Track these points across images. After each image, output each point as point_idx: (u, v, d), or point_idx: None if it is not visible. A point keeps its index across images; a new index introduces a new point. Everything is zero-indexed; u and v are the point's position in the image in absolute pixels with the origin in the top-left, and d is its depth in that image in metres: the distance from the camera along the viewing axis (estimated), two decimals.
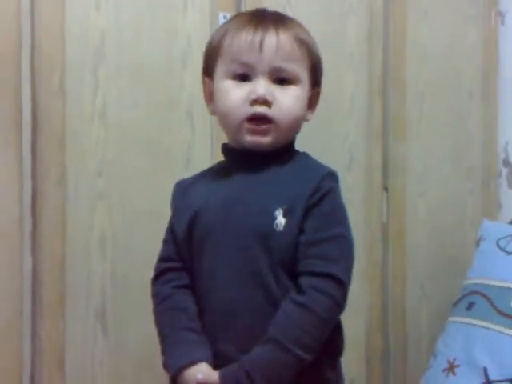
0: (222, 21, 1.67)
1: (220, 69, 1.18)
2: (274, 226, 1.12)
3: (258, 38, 1.13)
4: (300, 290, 1.11)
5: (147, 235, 1.58)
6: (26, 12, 1.48)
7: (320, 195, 1.13)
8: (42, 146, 1.50)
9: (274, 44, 1.13)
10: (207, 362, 1.13)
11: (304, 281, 1.11)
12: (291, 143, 1.23)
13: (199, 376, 1.11)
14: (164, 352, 1.19)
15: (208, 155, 1.68)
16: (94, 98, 1.55)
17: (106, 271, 1.57)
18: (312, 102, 1.23)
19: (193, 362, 1.13)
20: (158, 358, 1.59)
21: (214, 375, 1.11)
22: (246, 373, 1.08)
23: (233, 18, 1.25)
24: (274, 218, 1.12)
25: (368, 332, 1.92)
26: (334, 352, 1.20)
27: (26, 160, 1.49)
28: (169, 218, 1.29)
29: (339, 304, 1.12)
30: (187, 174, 1.45)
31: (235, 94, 1.15)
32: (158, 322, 1.22)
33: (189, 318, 1.18)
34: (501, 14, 2.18)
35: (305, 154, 1.23)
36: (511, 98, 2.16)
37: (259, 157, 1.18)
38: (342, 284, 1.11)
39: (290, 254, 1.13)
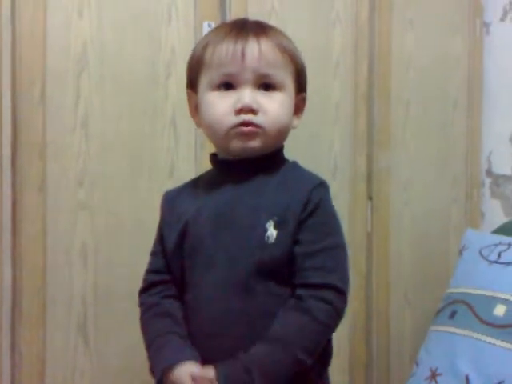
0: (206, 30, 1.66)
1: (204, 81, 1.18)
2: (266, 239, 1.12)
3: (239, 47, 1.13)
4: (299, 299, 1.11)
5: (129, 245, 1.58)
6: (6, 21, 1.47)
7: (312, 207, 1.13)
8: (22, 155, 1.49)
9: (256, 51, 1.13)
10: (195, 362, 1.12)
11: (302, 292, 1.11)
12: (279, 151, 1.22)
13: (195, 369, 1.09)
14: (150, 357, 1.17)
15: (192, 164, 1.67)
16: (76, 108, 1.54)
17: (88, 282, 1.56)
18: (298, 108, 1.23)
19: (180, 361, 1.11)
20: (140, 369, 1.59)
21: (210, 370, 1.08)
22: (245, 368, 1.06)
23: (213, 30, 1.25)
24: (266, 230, 1.12)
25: (352, 341, 1.92)
26: (325, 360, 1.20)
27: (6, 170, 1.48)
28: (152, 227, 1.28)
29: (339, 311, 1.12)
30: (171, 184, 1.44)
31: (220, 105, 1.15)
32: (144, 328, 1.21)
33: (174, 323, 1.18)
34: (485, 25, 2.18)
35: (294, 163, 1.23)
36: (495, 108, 2.17)
37: (248, 166, 1.18)
38: (342, 292, 1.11)
39: (281, 266, 1.12)
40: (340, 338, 1.87)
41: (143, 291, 1.25)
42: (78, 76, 1.54)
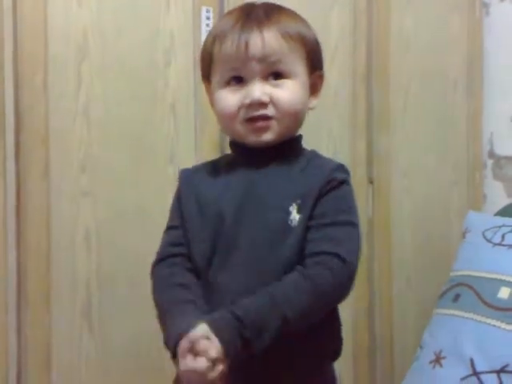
0: (204, 15, 1.67)
1: (214, 76, 1.18)
2: (289, 222, 1.12)
3: (242, 42, 1.13)
4: (303, 266, 1.09)
5: (132, 231, 1.59)
6: (7, 10, 1.47)
7: (331, 186, 1.13)
8: (25, 143, 1.50)
9: (259, 43, 1.13)
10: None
11: (308, 260, 1.10)
12: (297, 139, 1.22)
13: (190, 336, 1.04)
14: (164, 325, 1.13)
15: (192, 150, 1.68)
16: (77, 95, 1.55)
17: (91, 267, 1.57)
18: (315, 87, 1.22)
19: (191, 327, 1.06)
20: (145, 353, 1.60)
21: (203, 326, 1.04)
22: (237, 318, 1.03)
23: (221, 20, 1.26)
24: (289, 214, 1.12)
25: (355, 326, 1.92)
26: (335, 353, 1.20)
27: (10, 157, 1.48)
28: (154, 212, 1.29)
29: (341, 281, 1.10)
30: (171, 170, 1.45)
31: (231, 101, 1.15)
32: (158, 298, 1.18)
33: (191, 294, 1.14)
34: (485, 5, 2.18)
35: (314, 151, 1.23)
36: (496, 89, 2.17)
37: (269, 153, 1.17)
38: (347, 263, 1.09)
39: (303, 249, 1.12)
40: (343, 323, 1.87)
41: (158, 262, 1.21)
42: (79, 64, 1.54)
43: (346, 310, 1.87)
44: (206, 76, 1.22)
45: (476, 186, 2.16)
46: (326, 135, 1.88)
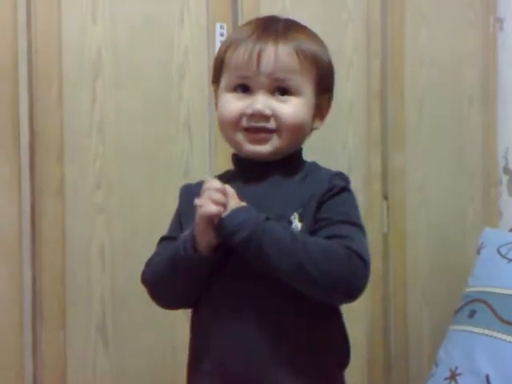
0: (218, 31, 1.67)
1: (223, 81, 1.18)
2: None
3: (255, 52, 1.12)
4: None
5: (146, 247, 1.58)
6: (22, 27, 1.48)
7: (333, 192, 1.12)
8: (40, 159, 1.50)
9: (272, 57, 1.12)
10: None
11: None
12: (299, 153, 1.22)
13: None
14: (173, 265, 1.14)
15: (206, 166, 1.68)
16: (92, 111, 1.56)
17: (106, 283, 1.57)
18: (321, 109, 1.21)
19: None
20: (159, 369, 1.60)
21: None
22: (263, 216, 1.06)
23: (240, 28, 1.27)
24: (290, 223, 1.11)
25: (370, 341, 1.91)
26: (342, 363, 1.19)
27: (25, 174, 1.49)
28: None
29: (354, 268, 1.05)
30: None
31: (233, 107, 1.15)
32: (157, 268, 1.19)
33: None
34: (499, 21, 2.18)
35: (314, 163, 1.22)
36: (510, 104, 2.16)
37: (269, 167, 1.17)
38: (362, 258, 1.06)
39: None
40: (358, 338, 1.86)
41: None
42: (94, 80, 1.56)
43: (361, 326, 1.88)
44: (216, 80, 1.22)
45: (491, 202, 2.16)
46: (341, 150, 1.88)
